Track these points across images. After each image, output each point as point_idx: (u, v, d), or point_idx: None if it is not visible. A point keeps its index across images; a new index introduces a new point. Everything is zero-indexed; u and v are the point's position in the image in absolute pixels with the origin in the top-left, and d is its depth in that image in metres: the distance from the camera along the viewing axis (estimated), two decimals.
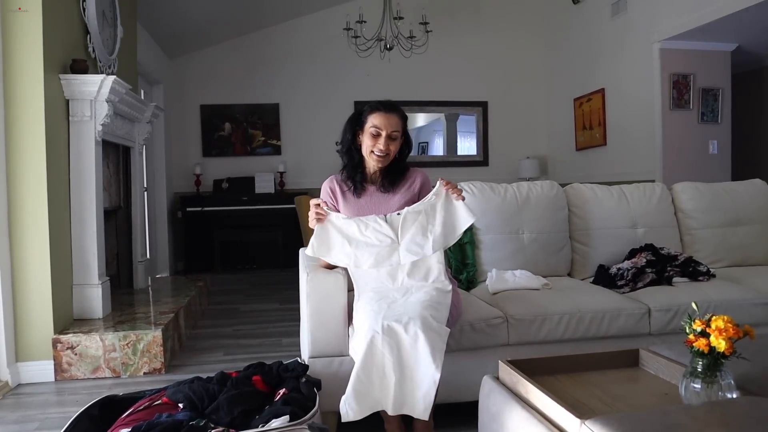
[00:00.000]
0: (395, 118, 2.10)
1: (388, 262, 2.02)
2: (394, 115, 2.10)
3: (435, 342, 1.76)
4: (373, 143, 2.08)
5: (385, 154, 2.09)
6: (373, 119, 2.09)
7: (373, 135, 2.09)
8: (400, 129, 2.11)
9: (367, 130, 2.10)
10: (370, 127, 2.09)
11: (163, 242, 6.08)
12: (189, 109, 6.73)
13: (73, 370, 2.90)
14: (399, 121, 2.11)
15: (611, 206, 2.88)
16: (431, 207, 2.05)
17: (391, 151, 2.11)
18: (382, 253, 2.02)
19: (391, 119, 2.09)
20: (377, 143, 2.08)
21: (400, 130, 2.11)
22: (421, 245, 2.02)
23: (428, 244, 2.02)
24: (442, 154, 7.34)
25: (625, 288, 2.53)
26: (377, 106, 2.11)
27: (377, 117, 2.09)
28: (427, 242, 2.02)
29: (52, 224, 2.92)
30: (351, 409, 1.71)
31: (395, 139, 2.10)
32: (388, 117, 2.09)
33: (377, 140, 2.08)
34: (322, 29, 6.73)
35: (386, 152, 2.09)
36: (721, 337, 1.27)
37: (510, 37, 7.17)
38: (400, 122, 2.11)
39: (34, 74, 2.85)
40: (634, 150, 5.38)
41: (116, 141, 3.82)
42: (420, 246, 2.02)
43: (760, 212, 3.06)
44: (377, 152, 2.08)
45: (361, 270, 2.07)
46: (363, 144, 2.13)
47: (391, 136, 2.08)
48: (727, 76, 5.11)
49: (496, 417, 1.50)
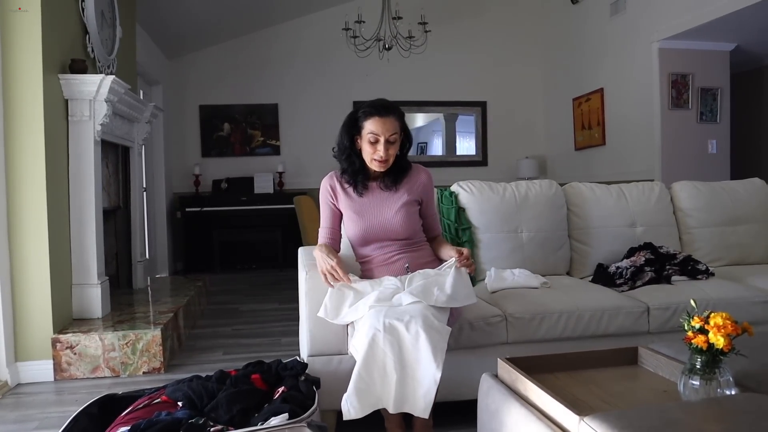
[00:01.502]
0: (391, 121, 2.04)
1: (389, 303, 1.93)
2: (390, 118, 2.05)
3: (436, 341, 1.75)
4: (373, 150, 2.05)
5: (386, 159, 2.06)
6: (369, 125, 2.04)
7: (371, 142, 2.04)
8: (398, 131, 2.06)
9: (365, 137, 2.05)
10: (367, 134, 2.04)
11: (162, 242, 6.08)
12: (188, 109, 6.73)
13: (73, 370, 2.90)
14: (396, 123, 2.06)
15: (610, 205, 2.88)
16: (443, 273, 2.01)
17: (391, 155, 2.07)
18: (385, 293, 1.96)
19: (387, 123, 2.03)
20: (376, 150, 2.04)
21: (399, 132, 2.07)
22: (424, 294, 1.91)
23: (431, 297, 1.91)
24: (441, 154, 7.34)
25: (624, 286, 2.53)
26: (372, 111, 2.05)
27: (373, 123, 2.03)
28: (431, 295, 1.91)
29: (51, 224, 2.92)
30: (353, 407, 1.71)
31: (394, 143, 2.06)
32: (384, 121, 2.03)
33: (376, 147, 2.04)
34: (321, 29, 6.73)
35: (386, 158, 2.06)
36: (720, 333, 1.28)
37: (509, 37, 7.18)
38: (397, 123, 2.06)
39: (33, 74, 2.85)
40: (633, 149, 5.39)
41: (115, 141, 3.82)
42: (423, 294, 1.91)
43: (759, 211, 3.07)
44: (377, 158, 2.05)
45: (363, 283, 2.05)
46: (362, 150, 2.09)
47: (390, 140, 2.04)
48: (726, 76, 5.11)
49: (496, 415, 1.50)
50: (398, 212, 2.11)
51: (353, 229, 2.15)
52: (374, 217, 2.12)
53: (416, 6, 5.86)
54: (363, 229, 2.12)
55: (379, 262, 2.14)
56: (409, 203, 2.13)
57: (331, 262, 2.02)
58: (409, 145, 2.17)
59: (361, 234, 2.13)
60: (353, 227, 2.14)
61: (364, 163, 2.12)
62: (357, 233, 2.14)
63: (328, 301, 2.00)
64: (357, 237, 2.15)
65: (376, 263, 2.15)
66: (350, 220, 2.15)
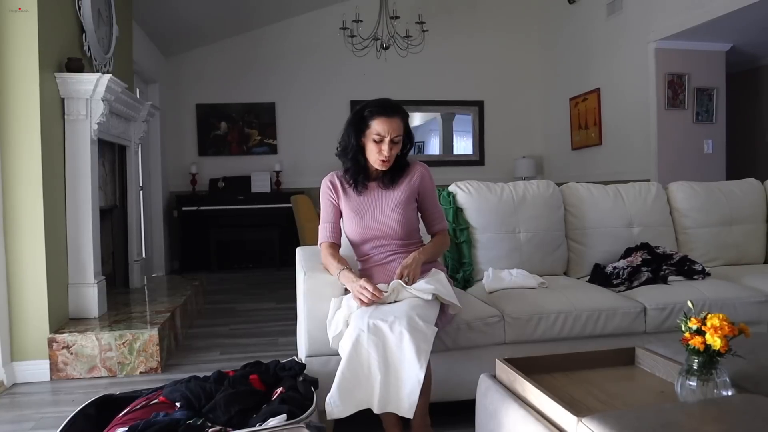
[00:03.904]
0: (397, 122, 2.05)
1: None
2: (396, 118, 2.06)
3: (420, 342, 1.76)
4: (377, 149, 2.06)
5: (389, 159, 2.07)
6: (376, 125, 2.04)
7: (375, 141, 2.05)
8: (402, 131, 2.07)
9: (369, 135, 2.06)
10: (373, 133, 2.05)
11: (158, 241, 6.06)
12: (185, 108, 6.72)
13: (69, 370, 2.89)
14: (401, 124, 2.07)
15: (607, 205, 2.89)
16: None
17: (393, 155, 2.08)
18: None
19: (393, 123, 2.04)
20: (381, 149, 2.05)
21: (402, 133, 2.08)
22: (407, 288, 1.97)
23: (412, 289, 1.96)
24: (438, 153, 7.35)
25: (621, 287, 2.54)
26: (379, 111, 2.05)
27: (380, 123, 2.04)
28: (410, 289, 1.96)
29: (47, 223, 2.91)
30: (336, 407, 1.71)
31: (398, 143, 2.08)
32: (390, 122, 2.04)
33: (380, 146, 2.05)
34: (319, 28, 6.73)
35: (390, 158, 2.07)
36: (717, 334, 1.28)
37: (506, 36, 7.18)
38: (402, 124, 2.08)
39: (30, 73, 2.84)
40: (630, 149, 5.40)
41: (112, 140, 3.81)
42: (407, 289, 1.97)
43: (755, 211, 3.08)
44: (381, 158, 2.06)
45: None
46: (367, 148, 2.09)
47: (394, 140, 2.05)
48: (722, 76, 5.13)
49: (493, 415, 1.51)
50: (394, 210, 2.11)
51: (351, 227, 2.16)
52: (372, 215, 2.13)
53: (414, 5, 5.86)
54: (361, 227, 2.13)
55: (376, 262, 2.15)
56: (406, 201, 2.14)
57: (360, 283, 1.95)
58: (411, 145, 2.17)
59: (359, 232, 2.14)
60: (351, 226, 2.15)
61: (367, 161, 2.13)
62: (355, 232, 2.15)
63: (331, 323, 2.01)
64: (355, 236, 2.16)
65: (373, 263, 2.16)
66: (349, 219, 2.16)
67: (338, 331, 1.94)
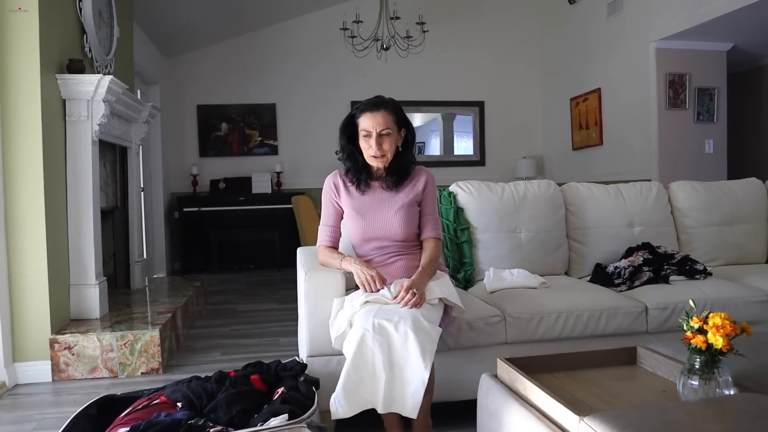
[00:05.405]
0: (381, 115, 2.06)
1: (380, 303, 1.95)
2: (380, 112, 2.07)
3: (425, 342, 1.76)
4: (367, 145, 2.08)
5: (381, 154, 2.08)
6: (362, 122, 2.08)
7: (364, 137, 2.08)
8: (390, 125, 2.07)
9: (360, 133, 2.10)
10: (361, 130, 2.09)
11: (159, 242, 6.07)
12: (186, 109, 6.72)
13: (71, 371, 2.89)
14: (388, 117, 2.07)
15: (608, 205, 2.89)
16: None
17: (386, 149, 2.08)
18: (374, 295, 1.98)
19: (377, 117, 2.06)
20: (370, 145, 2.07)
21: (392, 126, 2.08)
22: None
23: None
24: (438, 153, 7.35)
25: (622, 286, 2.54)
26: (363, 108, 2.10)
27: (365, 119, 2.08)
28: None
29: (48, 224, 2.91)
30: (341, 407, 1.71)
31: (388, 136, 2.07)
32: (374, 116, 2.06)
33: (369, 141, 2.07)
34: (319, 29, 6.73)
35: (381, 152, 2.07)
36: (719, 334, 1.28)
37: (506, 37, 7.18)
38: (390, 117, 2.08)
39: (31, 74, 2.84)
40: (631, 149, 5.40)
41: (113, 141, 3.81)
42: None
43: (756, 210, 3.08)
44: (372, 153, 2.08)
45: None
46: (361, 147, 2.12)
47: (382, 134, 2.06)
48: (723, 76, 5.13)
49: (495, 415, 1.51)
50: (397, 213, 2.11)
51: (353, 227, 2.15)
52: (374, 216, 2.13)
53: (414, 6, 5.86)
54: (362, 227, 2.13)
55: (377, 263, 2.14)
56: (410, 205, 2.14)
57: (371, 273, 2.00)
58: (412, 140, 2.17)
59: (361, 232, 2.14)
60: (353, 225, 2.15)
61: (365, 160, 2.13)
62: (357, 231, 2.15)
63: (333, 323, 2.01)
64: (356, 235, 2.16)
65: (374, 264, 2.14)
66: (350, 218, 2.16)
67: (341, 331, 1.94)
